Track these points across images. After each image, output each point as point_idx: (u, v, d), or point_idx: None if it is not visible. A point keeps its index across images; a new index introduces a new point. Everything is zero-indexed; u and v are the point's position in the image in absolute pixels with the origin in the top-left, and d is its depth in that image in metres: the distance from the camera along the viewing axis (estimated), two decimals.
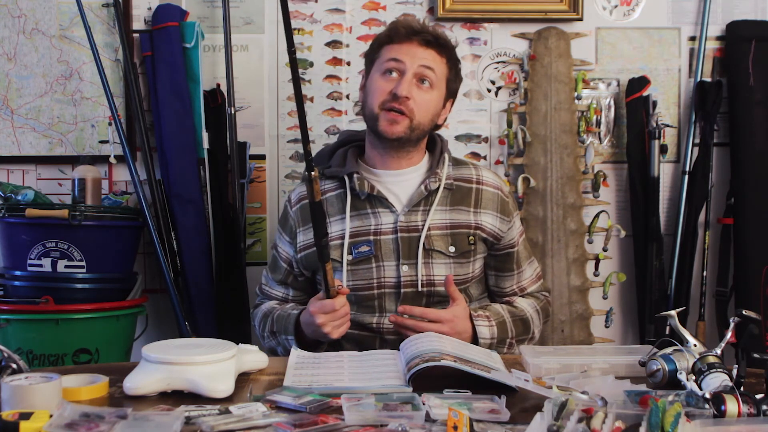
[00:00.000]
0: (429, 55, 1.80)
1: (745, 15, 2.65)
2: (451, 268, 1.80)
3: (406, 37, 1.79)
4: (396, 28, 1.83)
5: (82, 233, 2.29)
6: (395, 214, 1.81)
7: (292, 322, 1.77)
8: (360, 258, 1.80)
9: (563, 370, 1.42)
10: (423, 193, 1.82)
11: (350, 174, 1.83)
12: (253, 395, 1.30)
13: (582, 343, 2.54)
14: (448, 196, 1.84)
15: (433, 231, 1.80)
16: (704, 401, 1.11)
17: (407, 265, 1.79)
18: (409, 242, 1.79)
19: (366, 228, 1.81)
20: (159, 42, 2.53)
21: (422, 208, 1.82)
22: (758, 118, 2.57)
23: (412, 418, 1.12)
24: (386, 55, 1.80)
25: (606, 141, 2.67)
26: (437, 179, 1.83)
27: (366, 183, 1.82)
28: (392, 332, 1.76)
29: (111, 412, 1.12)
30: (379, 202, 1.82)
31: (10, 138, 2.60)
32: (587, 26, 2.65)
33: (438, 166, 1.85)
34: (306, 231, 1.86)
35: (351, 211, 1.82)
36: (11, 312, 2.27)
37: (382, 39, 1.84)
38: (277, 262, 1.95)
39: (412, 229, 1.80)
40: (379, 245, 1.79)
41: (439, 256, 1.79)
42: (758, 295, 2.52)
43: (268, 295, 1.97)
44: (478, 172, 1.90)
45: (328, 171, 1.88)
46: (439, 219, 1.82)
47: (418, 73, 1.79)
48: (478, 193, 1.86)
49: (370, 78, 1.84)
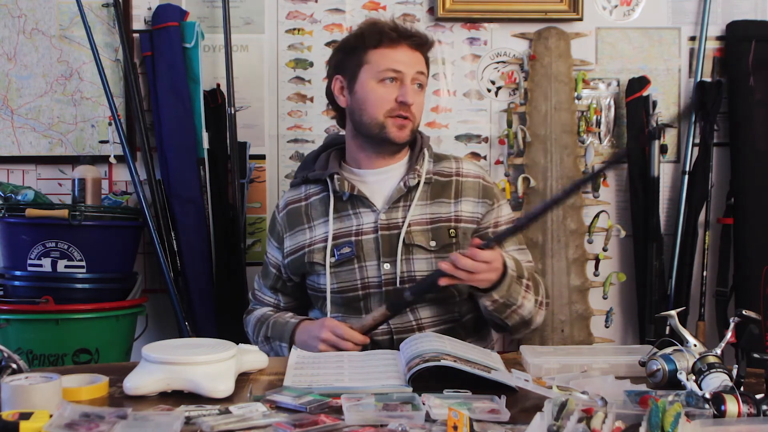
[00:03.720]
0: (420, 60, 1.81)
1: (745, 15, 2.65)
2: (433, 263, 1.77)
3: (397, 41, 1.77)
4: (382, 30, 1.78)
5: (82, 233, 2.29)
6: (376, 212, 1.81)
7: (289, 331, 1.78)
8: (342, 260, 1.79)
9: (563, 370, 1.42)
10: (402, 190, 1.81)
11: (331, 175, 1.83)
12: (253, 395, 1.30)
13: (582, 343, 2.54)
14: (427, 191, 1.83)
15: (413, 227, 1.79)
16: (704, 401, 1.11)
17: (388, 263, 1.78)
18: (389, 240, 1.78)
19: (347, 229, 1.81)
20: (159, 42, 2.54)
21: (402, 204, 1.81)
22: (758, 118, 2.57)
23: (412, 418, 1.12)
24: (381, 63, 1.77)
25: (606, 141, 2.67)
26: (416, 175, 1.82)
27: (347, 183, 1.82)
28: (380, 333, 1.75)
29: (111, 412, 1.12)
30: (360, 202, 1.82)
31: (10, 138, 2.60)
32: (587, 26, 2.65)
33: (417, 162, 1.84)
34: (292, 236, 1.87)
35: (334, 213, 1.82)
36: (11, 312, 2.27)
37: (367, 43, 1.79)
38: (267, 268, 1.96)
39: (393, 226, 1.79)
40: (360, 245, 1.79)
41: (420, 251, 1.78)
42: (758, 295, 2.52)
43: (260, 300, 1.98)
44: (458, 165, 1.88)
45: (311, 175, 1.88)
46: (419, 214, 1.80)
47: (414, 78, 1.79)
48: (458, 185, 1.84)
49: (361, 84, 1.79)
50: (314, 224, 1.85)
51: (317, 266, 1.81)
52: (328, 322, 1.70)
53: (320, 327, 1.70)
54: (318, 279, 1.84)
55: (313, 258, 1.82)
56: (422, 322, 1.78)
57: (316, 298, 1.88)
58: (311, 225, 1.85)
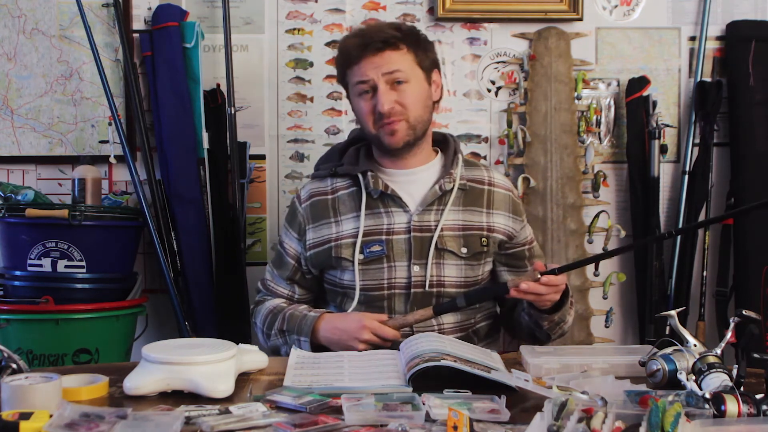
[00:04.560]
0: (387, 59, 1.77)
1: (745, 15, 2.65)
2: (462, 270, 1.80)
3: (358, 57, 1.78)
4: (347, 51, 1.81)
5: (82, 233, 2.29)
6: (409, 213, 1.81)
7: (309, 324, 1.74)
8: (371, 258, 1.78)
9: (563, 370, 1.42)
10: (437, 193, 1.81)
11: (364, 172, 1.83)
12: (253, 395, 1.30)
13: (582, 343, 2.54)
14: (461, 197, 1.84)
15: (445, 231, 1.79)
16: (704, 401, 1.11)
17: (418, 266, 1.78)
18: (421, 242, 1.78)
19: (379, 227, 1.80)
20: (159, 42, 2.54)
21: (436, 207, 1.81)
22: (758, 118, 2.57)
23: (412, 418, 1.12)
24: (353, 79, 1.80)
25: (606, 141, 2.67)
26: (452, 179, 1.83)
27: (380, 181, 1.81)
28: (403, 334, 1.73)
29: (111, 412, 1.12)
30: (392, 201, 1.82)
31: (10, 138, 2.60)
32: (587, 26, 2.65)
33: (452, 166, 1.85)
34: (316, 228, 1.85)
35: (365, 209, 1.81)
36: (11, 312, 2.27)
37: (342, 63, 1.84)
38: (284, 258, 1.91)
39: (425, 228, 1.79)
40: (391, 245, 1.78)
41: (451, 257, 1.79)
42: (758, 295, 2.52)
43: (273, 291, 1.92)
44: (489, 174, 1.91)
45: (340, 169, 1.87)
46: (452, 219, 1.81)
47: (387, 80, 1.77)
48: (490, 195, 1.87)
49: (352, 102, 1.85)
50: (342, 219, 1.83)
51: (344, 262, 1.79)
52: (368, 322, 1.68)
53: (359, 327, 1.67)
54: (342, 275, 1.82)
55: (341, 253, 1.80)
56: (444, 327, 1.79)
57: (334, 294, 1.86)
58: (338, 219, 1.83)
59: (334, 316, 1.77)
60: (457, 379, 1.31)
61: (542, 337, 1.82)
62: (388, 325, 1.69)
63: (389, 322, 1.70)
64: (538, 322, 1.77)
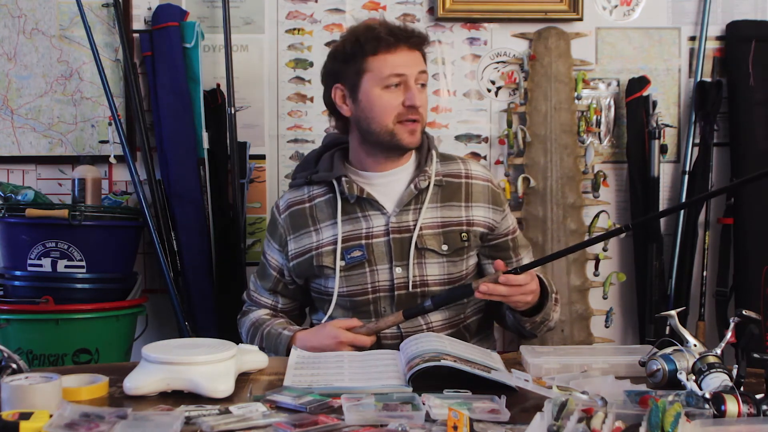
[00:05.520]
0: (419, 59, 1.78)
1: (745, 15, 2.65)
2: (445, 267, 1.78)
3: (395, 44, 1.73)
4: (379, 36, 1.73)
5: (82, 233, 2.29)
6: (386, 215, 1.79)
7: (284, 344, 1.74)
8: (353, 263, 1.77)
9: (563, 370, 1.42)
10: (413, 192, 1.79)
11: (338, 178, 1.80)
12: (253, 395, 1.30)
13: (582, 343, 2.54)
14: (438, 193, 1.82)
15: (425, 230, 1.78)
16: (704, 401, 1.11)
17: (400, 267, 1.77)
18: (401, 243, 1.77)
19: (357, 232, 1.79)
20: (159, 42, 2.54)
21: (413, 207, 1.79)
22: (758, 118, 2.57)
23: (412, 418, 1.12)
24: (384, 69, 1.73)
25: (606, 141, 2.67)
26: (426, 177, 1.80)
27: (355, 186, 1.79)
28: (390, 337, 1.74)
29: (111, 412, 1.12)
30: (369, 204, 1.80)
31: (10, 138, 2.60)
32: (587, 26, 2.65)
33: (426, 164, 1.82)
34: (297, 239, 1.84)
35: (342, 215, 1.80)
36: (11, 312, 2.27)
37: (366, 50, 1.74)
38: (266, 270, 1.91)
39: (404, 229, 1.78)
40: (371, 249, 1.77)
41: (432, 256, 1.78)
42: (758, 295, 2.52)
43: (256, 302, 1.94)
44: (466, 167, 1.87)
45: (315, 176, 1.85)
46: (431, 218, 1.79)
47: (417, 78, 1.76)
48: (468, 187, 1.84)
49: (365, 93, 1.76)
50: (321, 227, 1.82)
51: (326, 270, 1.79)
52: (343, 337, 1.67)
53: (336, 344, 1.67)
54: (326, 282, 1.81)
55: (322, 261, 1.79)
56: (432, 325, 1.78)
57: (322, 302, 1.85)
58: (318, 228, 1.82)
59: (306, 333, 1.75)
60: (457, 379, 1.31)
61: (527, 335, 1.82)
62: (362, 333, 1.69)
63: (362, 330, 1.70)
64: (524, 326, 1.76)
